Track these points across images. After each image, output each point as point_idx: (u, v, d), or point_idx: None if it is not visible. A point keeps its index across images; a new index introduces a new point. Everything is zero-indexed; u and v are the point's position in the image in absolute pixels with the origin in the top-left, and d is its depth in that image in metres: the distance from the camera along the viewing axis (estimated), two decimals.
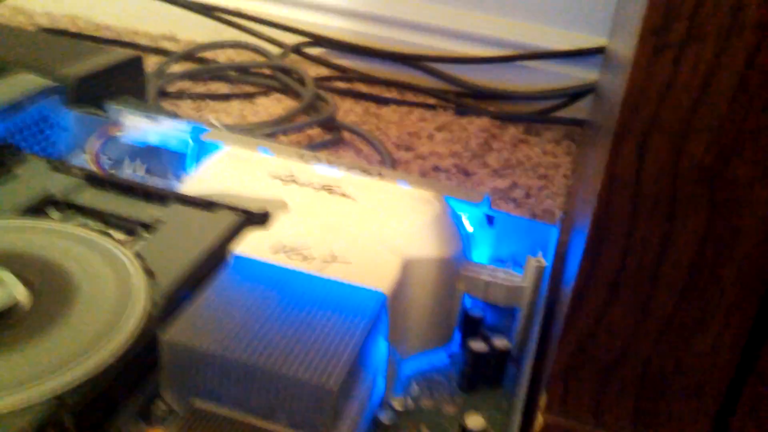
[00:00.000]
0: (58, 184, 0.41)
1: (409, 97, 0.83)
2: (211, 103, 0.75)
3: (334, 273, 0.35)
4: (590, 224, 0.24)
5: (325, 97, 0.76)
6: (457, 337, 0.42)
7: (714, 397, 0.24)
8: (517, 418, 0.28)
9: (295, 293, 0.34)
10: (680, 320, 0.24)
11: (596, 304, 0.24)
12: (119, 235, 0.39)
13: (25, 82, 0.51)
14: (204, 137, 0.47)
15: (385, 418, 0.35)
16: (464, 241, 0.42)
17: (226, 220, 0.40)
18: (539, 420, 0.25)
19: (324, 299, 0.34)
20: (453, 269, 0.40)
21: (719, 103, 0.21)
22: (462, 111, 0.80)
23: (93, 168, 0.49)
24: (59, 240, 0.37)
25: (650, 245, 0.23)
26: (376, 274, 0.36)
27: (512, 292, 0.40)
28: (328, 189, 0.42)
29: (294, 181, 0.42)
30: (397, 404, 0.36)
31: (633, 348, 0.24)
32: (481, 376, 0.38)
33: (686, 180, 0.22)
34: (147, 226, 0.39)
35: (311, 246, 0.37)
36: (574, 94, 0.82)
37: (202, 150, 0.48)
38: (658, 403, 0.25)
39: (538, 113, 0.82)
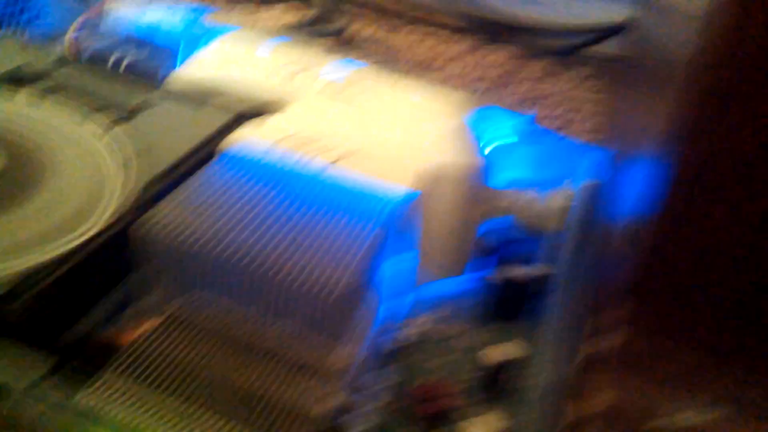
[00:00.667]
0: (31, 63, 0.36)
1: (426, 22, 0.78)
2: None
3: (344, 172, 0.30)
4: (675, 112, 0.19)
5: (336, 8, 0.70)
6: (478, 264, 0.37)
7: None
8: (562, 347, 0.24)
9: (298, 192, 0.29)
10: None
11: (680, 204, 0.20)
12: (96, 121, 0.34)
13: None
14: (204, 19, 0.42)
15: (393, 340, 0.30)
16: (492, 156, 0.37)
17: (220, 112, 0.35)
18: (606, 341, 0.21)
19: (331, 201, 0.29)
20: (478, 184, 0.35)
21: None
22: (482, 42, 0.75)
23: (73, 51, 0.43)
24: (28, 121, 0.32)
25: (751, 128, 0.18)
26: (392, 177, 0.30)
27: (542, 215, 0.35)
28: (343, 84, 0.36)
29: (304, 74, 0.37)
30: (408, 328, 0.32)
31: (722, 258, 0.20)
32: (506, 304, 0.33)
33: None
34: (128, 115, 0.34)
35: (319, 141, 0.32)
36: (602, 32, 0.77)
37: (198, 40, 0.42)
38: (746, 325, 0.20)
39: (563, 49, 0.76)
